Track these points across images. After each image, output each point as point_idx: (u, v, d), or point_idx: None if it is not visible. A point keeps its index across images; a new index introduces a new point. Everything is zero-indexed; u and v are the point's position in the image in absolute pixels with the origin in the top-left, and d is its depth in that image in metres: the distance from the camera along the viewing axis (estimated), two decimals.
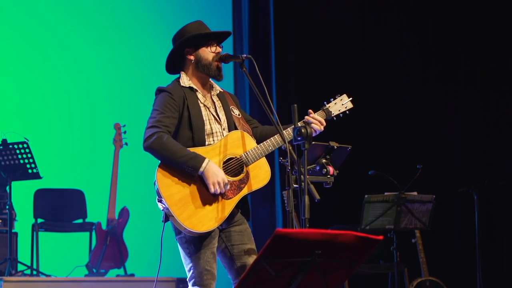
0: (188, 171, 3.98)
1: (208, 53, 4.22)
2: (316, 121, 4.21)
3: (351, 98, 4.36)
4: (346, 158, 4.49)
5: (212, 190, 3.99)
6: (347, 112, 4.35)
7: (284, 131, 4.09)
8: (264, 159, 4.16)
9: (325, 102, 4.32)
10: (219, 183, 3.98)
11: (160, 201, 4.03)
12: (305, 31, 8.50)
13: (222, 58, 4.22)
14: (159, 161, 4.05)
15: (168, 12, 9.31)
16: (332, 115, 4.30)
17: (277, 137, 4.13)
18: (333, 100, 4.34)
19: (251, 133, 4.25)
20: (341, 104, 4.34)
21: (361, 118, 8.20)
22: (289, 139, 4.05)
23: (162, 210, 4.05)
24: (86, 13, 9.21)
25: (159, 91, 4.20)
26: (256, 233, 4.31)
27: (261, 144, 4.15)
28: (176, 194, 3.99)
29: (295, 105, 3.97)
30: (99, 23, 9.24)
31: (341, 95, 4.35)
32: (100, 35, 9.23)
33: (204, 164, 3.97)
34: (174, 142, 4.03)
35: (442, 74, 8.59)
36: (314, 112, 4.27)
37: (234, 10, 8.79)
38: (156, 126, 4.04)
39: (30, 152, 7.27)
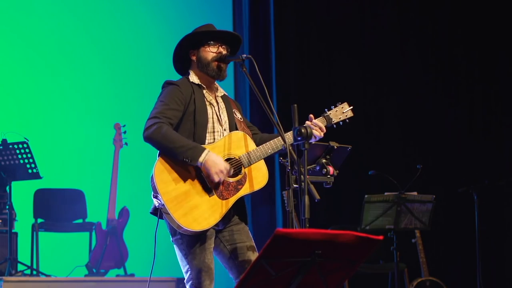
0: (187, 161, 3.95)
1: (208, 52, 4.21)
2: (317, 127, 4.21)
3: (351, 107, 4.36)
4: (346, 158, 4.49)
5: (215, 180, 3.98)
6: (347, 120, 4.36)
7: (284, 134, 4.07)
8: (262, 161, 4.15)
9: (326, 109, 4.32)
10: (222, 172, 3.97)
11: (155, 197, 4.00)
12: (305, 31, 8.49)
13: (221, 58, 4.21)
14: (157, 157, 4.02)
15: (168, 12, 9.31)
16: (332, 122, 4.31)
17: (276, 140, 4.13)
18: (334, 107, 4.35)
19: (251, 136, 4.23)
20: (341, 112, 4.35)
21: (361, 118, 8.19)
22: (289, 143, 4.03)
23: (157, 206, 4.02)
24: (86, 13, 9.21)
25: (167, 84, 4.19)
26: (256, 233, 4.31)
27: (260, 146, 4.13)
28: (173, 191, 3.96)
29: (295, 105, 3.96)
30: (99, 23, 9.24)
31: (342, 103, 4.36)
32: (100, 35, 9.23)
33: (203, 155, 3.95)
34: (173, 132, 4.00)
35: (442, 73, 8.59)
36: (315, 118, 4.26)
37: (235, 10, 8.79)
38: (157, 117, 4.02)
39: (30, 152, 7.27)
